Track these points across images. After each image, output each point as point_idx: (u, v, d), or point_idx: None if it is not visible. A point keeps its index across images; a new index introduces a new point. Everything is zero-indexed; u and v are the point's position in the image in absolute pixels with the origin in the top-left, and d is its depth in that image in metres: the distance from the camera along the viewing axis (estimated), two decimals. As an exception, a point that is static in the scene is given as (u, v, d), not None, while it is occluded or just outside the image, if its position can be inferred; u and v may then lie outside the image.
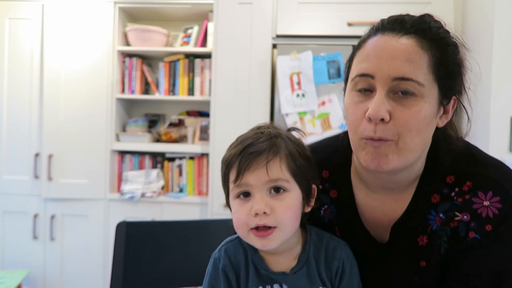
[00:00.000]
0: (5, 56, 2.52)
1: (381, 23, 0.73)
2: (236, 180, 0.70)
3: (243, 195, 0.72)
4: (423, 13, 0.74)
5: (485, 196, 0.71)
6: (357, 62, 0.72)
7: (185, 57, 2.58)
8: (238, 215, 0.71)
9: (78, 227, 2.49)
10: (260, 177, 0.69)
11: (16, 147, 2.53)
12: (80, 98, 2.47)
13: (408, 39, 0.68)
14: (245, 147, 0.71)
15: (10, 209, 2.53)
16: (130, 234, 1.14)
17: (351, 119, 0.72)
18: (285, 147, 0.72)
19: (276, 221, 0.69)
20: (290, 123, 2.20)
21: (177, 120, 2.71)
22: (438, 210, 0.76)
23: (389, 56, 0.67)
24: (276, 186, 0.71)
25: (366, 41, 0.72)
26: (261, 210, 0.68)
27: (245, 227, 0.71)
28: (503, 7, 1.85)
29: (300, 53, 2.21)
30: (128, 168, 2.59)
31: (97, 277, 2.47)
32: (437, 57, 0.68)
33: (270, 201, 0.70)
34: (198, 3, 2.45)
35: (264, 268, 0.74)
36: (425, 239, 0.76)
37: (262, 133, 0.73)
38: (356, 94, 0.71)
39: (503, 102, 1.85)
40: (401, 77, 0.66)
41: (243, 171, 0.70)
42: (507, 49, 1.84)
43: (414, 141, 0.69)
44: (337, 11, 2.25)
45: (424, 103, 0.67)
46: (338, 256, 0.76)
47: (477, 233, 0.71)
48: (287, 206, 0.71)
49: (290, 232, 0.72)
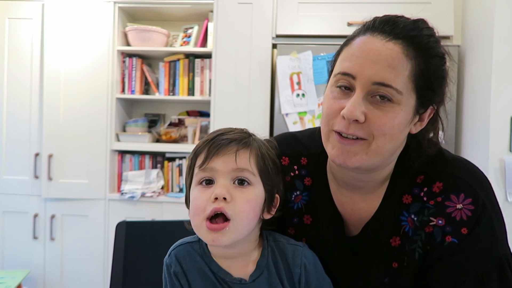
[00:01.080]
0: (5, 56, 2.51)
1: (373, 22, 0.72)
2: (203, 164, 0.70)
3: (206, 182, 0.70)
4: (418, 17, 0.73)
5: (458, 199, 0.72)
6: (342, 59, 0.73)
7: (185, 57, 2.57)
8: (198, 201, 0.69)
9: (78, 227, 2.49)
10: (228, 163, 0.69)
11: (16, 147, 2.53)
12: (80, 98, 2.47)
13: (394, 45, 0.68)
14: (217, 135, 0.72)
15: (10, 209, 2.53)
16: (130, 234, 1.14)
17: (327, 112, 0.73)
18: (257, 146, 0.74)
19: (234, 210, 0.67)
20: (290, 123, 2.20)
21: (177, 120, 2.71)
22: (410, 211, 0.76)
23: (372, 60, 0.67)
24: (241, 177, 0.70)
25: (355, 39, 0.72)
26: (222, 194, 0.67)
27: (202, 214, 0.68)
28: (503, 7, 1.85)
29: (300, 53, 2.21)
30: (128, 168, 2.59)
31: (97, 277, 2.47)
32: (420, 68, 0.68)
33: (232, 190, 0.69)
34: (198, 3, 2.44)
35: (222, 274, 0.72)
36: (397, 240, 0.76)
37: (235, 129, 0.75)
38: (336, 90, 0.72)
39: (503, 102, 1.85)
40: (381, 82, 0.66)
41: (211, 155, 0.69)
42: (507, 49, 1.84)
43: (387, 146, 0.70)
44: (337, 11, 2.25)
45: (400, 110, 0.68)
46: (298, 262, 0.74)
47: (454, 237, 0.72)
48: (247, 199, 0.69)
49: (244, 229, 0.70)
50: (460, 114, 2.21)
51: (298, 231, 0.86)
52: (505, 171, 1.83)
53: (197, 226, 0.70)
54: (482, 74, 1.97)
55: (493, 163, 1.86)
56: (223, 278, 0.72)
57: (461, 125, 2.21)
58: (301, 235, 0.85)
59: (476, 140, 2.03)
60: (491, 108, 1.86)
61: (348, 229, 0.83)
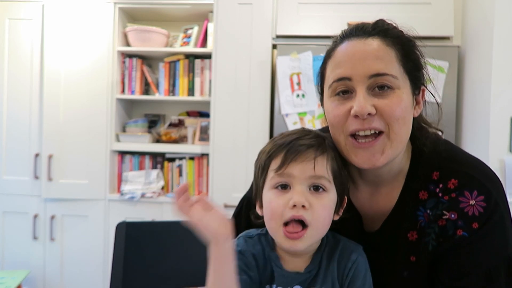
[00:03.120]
0: (5, 56, 2.52)
1: (344, 32, 0.78)
2: (280, 169, 0.69)
3: (281, 186, 0.70)
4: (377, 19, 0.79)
5: (471, 195, 0.74)
6: (331, 70, 0.76)
7: (185, 57, 2.58)
8: (274, 205, 0.70)
9: (78, 227, 2.49)
10: (306, 170, 0.69)
11: (16, 148, 2.53)
12: (80, 98, 2.47)
13: (373, 40, 0.74)
14: (295, 139, 0.71)
15: (10, 209, 2.53)
16: (130, 234, 1.14)
17: (335, 120, 0.75)
18: (331, 149, 0.74)
19: (312, 217, 0.68)
20: (290, 123, 2.20)
21: (177, 121, 2.71)
22: (426, 207, 0.78)
23: (361, 57, 0.72)
24: (317, 184, 0.70)
25: (335, 50, 0.77)
26: (301, 202, 0.67)
27: (279, 219, 0.69)
28: (503, 7, 1.85)
29: (300, 54, 2.21)
30: (128, 169, 2.59)
31: (97, 277, 2.47)
32: (402, 52, 0.74)
33: (309, 197, 0.69)
34: (198, 3, 2.45)
35: (279, 267, 0.73)
36: (415, 235, 0.79)
37: (310, 132, 0.75)
38: (336, 98, 0.75)
39: (503, 102, 1.85)
40: (376, 73, 0.71)
41: (289, 161, 0.69)
42: (507, 49, 1.84)
43: (402, 130, 0.73)
44: (337, 11, 2.25)
45: (402, 93, 0.73)
46: (354, 258, 0.75)
47: (464, 230, 0.74)
48: (324, 205, 0.70)
49: (321, 234, 0.72)
50: (460, 114, 2.21)
51: None
52: (505, 172, 1.83)
53: (274, 230, 0.71)
54: (482, 74, 1.97)
55: (493, 163, 1.86)
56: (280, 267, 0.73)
57: (461, 126, 2.21)
58: None
59: (476, 141, 2.03)
60: (491, 108, 1.86)
61: (367, 225, 0.85)
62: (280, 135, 0.75)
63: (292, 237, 0.68)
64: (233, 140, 2.28)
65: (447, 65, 2.15)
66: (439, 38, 2.23)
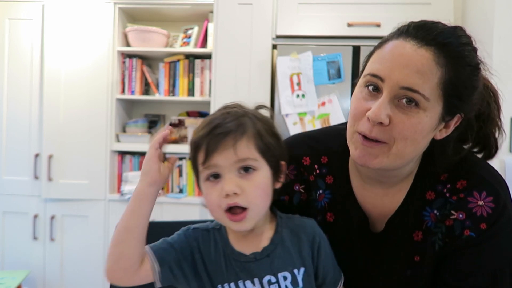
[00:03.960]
0: (5, 56, 2.52)
1: (407, 27, 0.72)
2: (205, 162, 0.70)
3: (213, 176, 0.71)
4: (456, 25, 0.73)
5: (480, 196, 0.74)
6: (373, 61, 0.73)
7: (185, 57, 2.58)
8: (210, 197, 0.71)
9: (78, 227, 2.49)
10: (229, 157, 0.69)
11: (16, 148, 2.53)
12: (80, 99, 2.47)
13: (426, 51, 0.67)
14: (212, 128, 0.70)
15: (10, 209, 2.53)
16: (130, 234, 1.14)
17: (353, 112, 0.74)
18: (253, 126, 0.72)
19: (247, 201, 0.69)
20: (290, 123, 2.20)
21: (177, 121, 2.70)
22: (433, 207, 0.78)
23: (402, 64, 0.67)
24: (245, 165, 0.70)
25: (387, 42, 0.72)
26: (231, 190, 0.68)
27: (219, 209, 0.70)
28: (503, 7, 1.85)
29: (300, 54, 2.21)
30: (128, 169, 2.59)
31: (97, 277, 2.46)
32: (450, 76, 0.68)
33: (240, 181, 0.69)
34: (198, 3, 2.45)
35: (237, 259, 0.73)
36: (420, 235, 0.79)
37: (228, 113, 0.72)
38: (364, 90, 0.73)
39: (503, 103, 1.85)
40: (409, 87, 0.67)
41: (211, 152, 0.69)
42: (507, 49, 1.84)
43: (407, 149, 0.70)
44: (337, 11, 2.25)
45: (425, 116, 0.68)
46: (318, 231, 0.78)
47: (472, 231, 0.74)
48: (256, 185, 0.70)
49: (262, 210, 0.73)
50: (460, 114, 2.21)
51: (321, 229, 0.86)
52: (505, 172, 1.83)
53: (220, 219, 0.72)
54: (482, 74, 1.97)
55: (493, 163, 1.84)
56: (236, 259, 0.73)
57: (461, 126, 2.21)
58: (324, 232, 0.85)
59: (476, 141, 2.03)
60: (491, 108, 1.86)
61: (372, 224, 0.84)
62: (203, 122, 0.74)
63: (236, 220, 0.70)
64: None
65: (447, 65, 2.15)
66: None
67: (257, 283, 0.71)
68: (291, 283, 0.72)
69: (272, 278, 0.72)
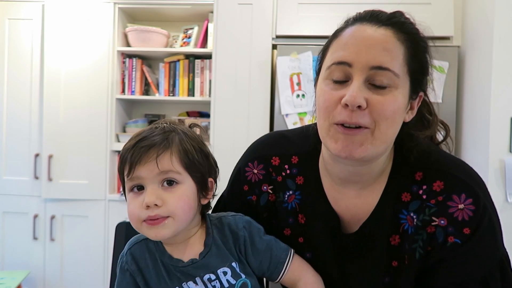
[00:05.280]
0: (5, 56, 2.51)
1: (358, 14, 0.74)
2: (129, 174, 0.72)
3: (137, 188, 0.73)
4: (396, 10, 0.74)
5: (459, 198, 0.71)
6: (333, 51, 0.72)
7: (185, 57, 2.57)
8: (131, 208, 0.73)
9: (78, 227, 2.49)
10: (151, 169, 0.71)
11: (16, 148, 2.53)
12: (80, 99, 2.47)
13: (385, 30, 0.69)
14: (138, 141, 0.73)
15: (10, 209, 2.53)
16: (130, 234, 1.14)
17: (324, 105, 0.70)
18: (178, 141, 0.74)
19: (168, 211, 0.71)
20: (290, 123, 2.20)
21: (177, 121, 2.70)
22: (409, 209, 0.75)
23: (367, 45, 0.67)
24: (167, 178, 0.72)
25: (344, 30, 0.72)
26: (152, 202, 0.70)
27: (137, 219, 0.72)
28: (503, 7, 1.85)
29: (300, 54, 2.21)
30: (128, 169, 2.58)
31: (97, 277, 2.46)
32: (412, 51, 0.69)
33: (162, 193, 0.71)
34: (198, 3, 2.44)
35: (175, 264, 0.75)
36: (397, 239, 0.76)
37: (156, 128, 0.76)
38: (331, 82, 0.70)
39: (503, 103, 1.85)
40: (379, 66, 0.66)
41: (134, 165, 0.71)
42: (507, 49, 1.84)
43: (389, 131, 0.69)
44: (337, 11, 2.25)
45: (399, 93, 0.68)
46: (241, 226, 0.79)
47: (456, 237, 0.71)
48: (178, 197, 0.72)
49: (184, 221, 0.73)
50: (460, 114, 2.21)
51: (293, 231, 0.85)
52: (505, 172, 1.83)
53: (138, 228, 0.74)
54: (482, 74, 1.97)
55: (493, 163, 1.86)
56: (175, 265, 0.75)
57: (461, 126, 2.21)
58: (297, 235, 0.84)
59: (476, 141, 2.03)
60: (491, 108, 1.86)
61: (345, 227, 0.81)
62: (134, 135, 0.77)
63: (152, 224, 0.71)
64: (233, 141, 2.28)
65: (447, 65, 2.15)
66: (439, 38, 2.23)
67: (199, 282, 0.74)
68: (232, 277, 0.74)
69: (212, 276, 0.74)
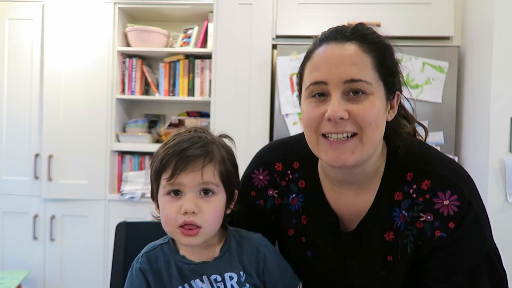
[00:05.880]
0: (5, 56, 2.51)
1: (323, 34, 0.80)
2: (171, 179, 0.75)
3: (174, 192, 0.77)
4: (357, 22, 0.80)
5: (444, 195, 0.77)
6: (308, 72, 0.78)
7: (185, 57, 2.57)
8: (168, 212, 0.77)
9: (78, 227, 2.49)
10: (195, 179, 0.75)
11: (16, 148, 2.52)
12: (80, 99, 2.47)
13: (351, 45, 0.75)
14: (183, 149, 0.76)
15: (10, 209, 2.53)
16: (130, 234, 1.14)
17: (310, 121, 0.77)
18: (219, 153, 0.80)
19: (202, 220, 0.76)
20: (290, 123, 2.20)
21: (177, 121, 2.70)
22: (401, 208, 0.81)
23: (337, 62, 0.74)
24: (206, 188, 0.77)
25: (314, 52, 0.79)
26: (191, 209, 0.74)
27: (174, 224, 0.76)
28: (503, 7, 1.85)
29: (300, 54, 2.21)
30: (128, 169, 2.59)
31: (97, 277, 2.47)
32: (378, 58, 0.76)
33: (199, 202, 0.76)
34: (198, 3, 2.44)
35: (187, 263, 0.79)
36: (391, 235, 0.82)
37: (199, 138, 0.79)
38: (312, 100, 0.77)
39: (503, 103, 1.85)
40: (351, 79, 0.73)
41: (179, 171, 0.75)
42: (507, 49, 1.85)
43: (375, 134, 0.75)
44: (337, 11, 2.25)
45: (375, 99, 0.74)
46: (256, 244, 0.83)
47: (442, 231, 0.77)
48: (213, 208, 0.77)
49: (213, 231, 0.79)
50: (460, 114, 2.21)
51: (297, 232, 0.91)
52: (505, 172, 1.83)
53: (171, 232, 0.78)
54: (482, 74, 1.97)
55: (493, 163, 1.86)
56: (186, 264, 0.79)
57: (461, 126, 2.21)
58: (300, 235, 0.90)
59: (476, 141, 2.03)
60: (491, 108, 1.86)
61: (344, 225, 0.87)
62: (172, 139, 0.80)
63: (188, 234, 0.76)
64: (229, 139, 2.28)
65: (447, 65, 2.15)
66: (439, 38, 2.23)
67: (205, 280, 0.77)
68: (237, 283, 0.78)
69: (218, 277, 0.78)
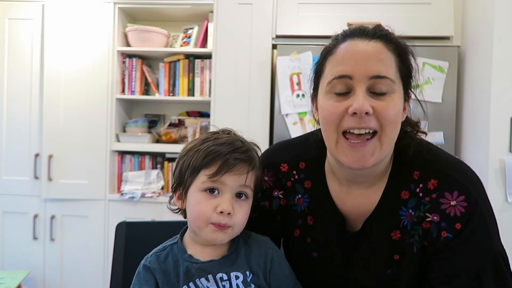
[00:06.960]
0: (5, 56, 2.52)
1: (346, 31, 0.80)
2: (214, 176, 0.76)
3: (210, 190, 0.77)
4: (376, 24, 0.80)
5: (451, 196, 0.76)
6: (331, 66, 0.77)
7: (185, 57, 2.58)
8: (204, 208, 0.77)
9: (78, 227, 2.49)
10: (238, 181, 0.77)
11: (16, 148, 2.53)
12: (80, 98, 2.47)
13: (376, 43, 0.75)
14: (230, 151, 0.78)
15: (10, 209, 2.53)
16: (130, 234, 1.14)
17: (331, 117, 0.75)
18: (258, 162, 0.83)
19: (233, 222, 0.77)
20: (290, 123, 2.20)
21: (177, 121, 2.70)
22: (408, 207, 0.81)
23: (364, 57, 0.74)
24: (242, 192, 0.79)
25: (337, 47, 0.78)
26: (228, 210, 0.76)
27: (206, 220, 0.76)
28: (503, 7, 1.85)
29: (300, 54, 2.21)
30: (128, 169, 2.59)
31: (97, 277, 2.47)
32: (401, 58, 0.77)
33: (234, 204, 0.78)
34: (198, 3, 2.45)
35: (194, 262, 0.79)
36: (398, 234, 0.81)
37: (242, 143, 0.81)
38: (333, 96, 0.76)
39: (503, 102, 1.85)
40: (377, 75, 0.73)
41: (224, 172, 0.76)
42: (507, 49, 1.85)
43: (393, 133, 0.75)
44: (337, 11, 2.25)
45: (397, 98, 0.75)
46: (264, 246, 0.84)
47: (448, 232, 0.76)
48: (245, 211, 0.79)
49: (239, 232, 0.81)
50: (460, 114, 2.21)
51: (302, 232, 0.90)
52: (505, 172, 1.83)
53: (200, 227, 0.78)
54: (482, 74, 1.97)
55: (493, 163, 1.86)
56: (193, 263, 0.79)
57: (461, 126, 2.21)
58: (305, 235, 0.90)
59: (476, 141, 2.03)
60: (491, 108, 1.86)
61: (350, 225, 0.87)
62: (213, 138, 0.81)
63: (219, 229, 0.76)
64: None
65: (447, 65, 2.15)
66: (439, 38, 2.23)
67: (211, 279, 0.77)
68: (242, 283, 0.78)
69: (224, 276, 0.77)
